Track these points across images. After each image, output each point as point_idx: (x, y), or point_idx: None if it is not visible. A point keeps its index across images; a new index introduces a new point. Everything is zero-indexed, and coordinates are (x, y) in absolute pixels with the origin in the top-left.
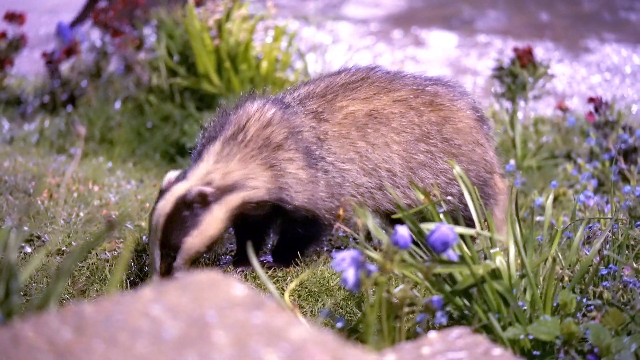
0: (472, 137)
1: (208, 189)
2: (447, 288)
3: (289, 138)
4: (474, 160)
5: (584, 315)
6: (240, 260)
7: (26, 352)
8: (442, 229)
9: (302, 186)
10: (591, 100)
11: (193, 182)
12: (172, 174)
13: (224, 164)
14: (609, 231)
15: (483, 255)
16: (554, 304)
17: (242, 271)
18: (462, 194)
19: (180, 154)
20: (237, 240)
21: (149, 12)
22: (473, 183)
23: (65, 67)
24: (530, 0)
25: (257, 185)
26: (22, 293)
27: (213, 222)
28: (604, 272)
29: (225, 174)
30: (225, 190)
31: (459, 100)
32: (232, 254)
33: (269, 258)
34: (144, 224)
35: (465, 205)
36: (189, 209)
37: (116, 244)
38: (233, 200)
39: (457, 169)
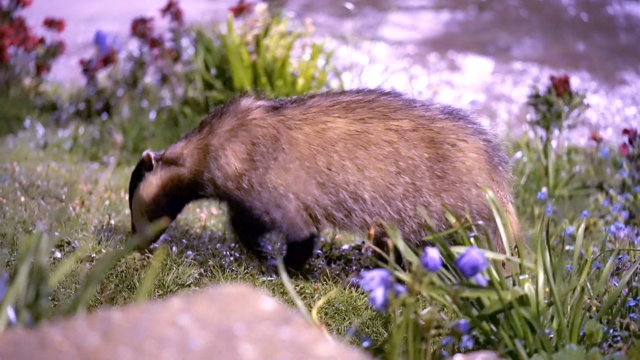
0: (470, 177)
1: (153, 154)
2: (474, 312)
3: (238, 130)
4: (465, 199)
5: (609, 346)
6: (287, 262)
7: (53, 356)
8: (472, 253)
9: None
10: (625, 132)
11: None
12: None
13: (180, 141)
14: (639, 263)
15: (511, 282)
16: (581, 334)
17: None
18: (442, 227)
19: None
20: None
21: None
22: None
23: (101, 75)
24: (567, 30)
25: (186, 164)
26: (51, 297)
27: (148, 185)
28: (632, 303)
29: (174, 149)
30: (168, 162)
31: (466, 141)
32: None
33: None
34: (176, 234)
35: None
36: (142, 170)
37: (146, 254)
38: (167, 173)
39: (490, 194)
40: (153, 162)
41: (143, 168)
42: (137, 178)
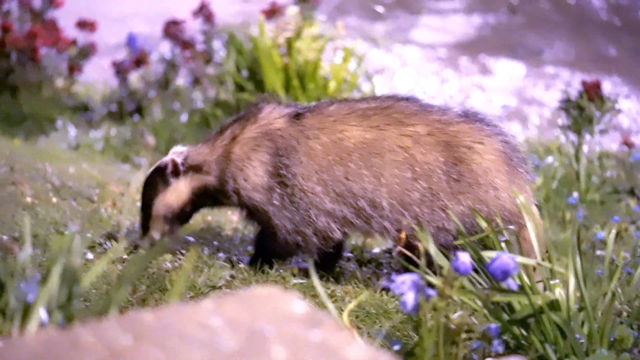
0: (487, 179)
1: (179, 160)
2: (505, 317)
3: (258, 138)
4: (482, 200)
5: None
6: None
7: (85, 356)
8: (503, 257)
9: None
10: None
11: (175, 155)
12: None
13: (202, 147)
14: None
15: (542, 286)
16: (611, 339)
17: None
18: (457, 233)
19: None
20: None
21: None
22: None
23: (133, 76)
24: (598, 33)
25: (212, 172)
26: (82, 298)
27: (178, 192)
28: None
29: (197, 154)
30: (193, 169)
31: (482, 143)
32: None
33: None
34: (208, 236)
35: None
36: (163, 176)
37: (177, 256)
38: (196, 181)
39: (521, 199)
40: (181, 168)
41: (165, 173)
42: (158, 182)
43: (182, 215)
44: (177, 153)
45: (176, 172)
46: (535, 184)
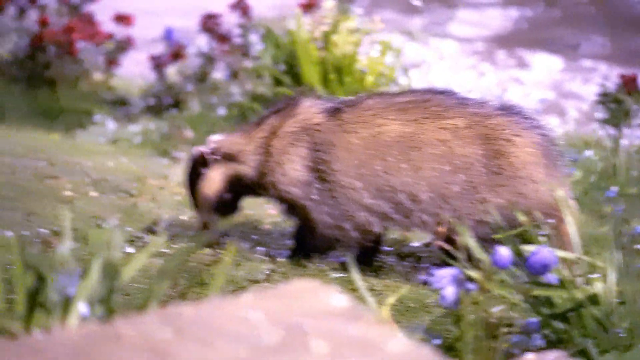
0: (526, 172)
1: (206, 150)
2: (545, 311)
3: (297, 133)
4: (521, 193)
5: None
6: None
7: (125, 349)
8: (543, 251)
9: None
10: None
11: (204, 146)
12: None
13: (238, 136)
14: None
15: (581, 280)
16: None
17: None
18: (496, 226)
19: None
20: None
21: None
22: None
23: (170, 70)
24: (636, 27)
25: (247, 162)
26: (122, 292)
27: (210, 182)
28: None
29: (232, 144)
30: (227, 158)
31: (521, 135)
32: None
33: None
34: (247, 229)
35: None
36: (195, 167)
37: (217, 250)
38: (229, 169)
39: (560, 193)
40: (210, 157)
41: (198, 165)
42: (194, 176)
43: (224, 204)
44: (211, 142)
45: (204, 163)
46: (573, 178)
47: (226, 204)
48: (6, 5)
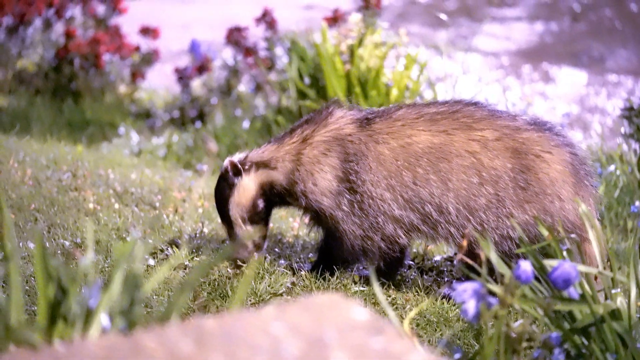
0: (554, 189)
1: (236, 159)
2: (566, 325)
3: (332, 143)
4: (548, 211)
5: None
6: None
7: None
8: (564, 266)
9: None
10: None
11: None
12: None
13: (267, 145)
14: None
15: (603, 295)
16: None
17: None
18: (520, 241)
19: None
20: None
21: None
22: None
23: (195, 83)
24: None
25: (279, 167)
26: (144, 304)
27: (245, 189)
28: None
29: (262, 152)
30: (259, 165)
31: (551, 152)
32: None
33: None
34: (269, 243)
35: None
36: (226, 179)
37: (239, 263)
38: (262, 175)
39: (583, 207)
40: (244, 165)
41: (228, 176)
42: (226, 186)
43: (257, 214)
44: (235, 156)
45: (236, 171)
46: (607, 197)
47: (259, 214)
48: (33, 17)
